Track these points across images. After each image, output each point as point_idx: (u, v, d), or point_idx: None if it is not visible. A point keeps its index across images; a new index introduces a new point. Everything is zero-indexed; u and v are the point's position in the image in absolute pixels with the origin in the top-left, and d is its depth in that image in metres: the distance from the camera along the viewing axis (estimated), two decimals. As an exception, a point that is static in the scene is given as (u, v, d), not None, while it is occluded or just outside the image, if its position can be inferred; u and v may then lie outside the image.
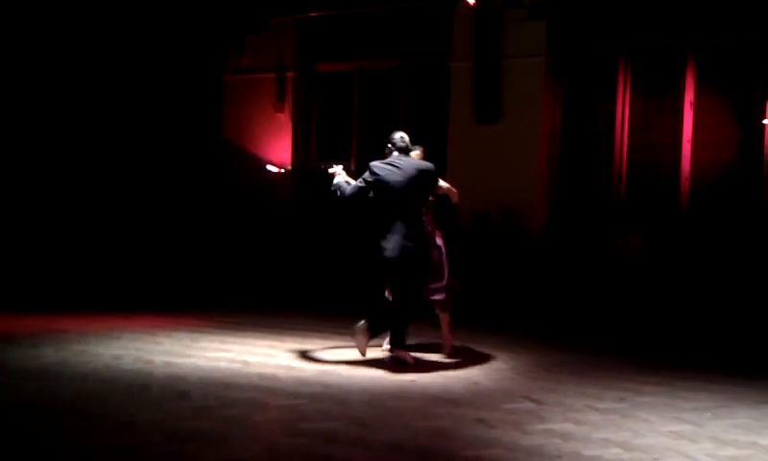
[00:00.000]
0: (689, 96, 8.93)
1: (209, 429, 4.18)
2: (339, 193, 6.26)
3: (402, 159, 6.17)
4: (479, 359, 6.42)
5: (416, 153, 6.41)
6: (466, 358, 6.43)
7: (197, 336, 7.00)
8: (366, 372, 5.80)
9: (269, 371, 5.68)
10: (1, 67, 9.83)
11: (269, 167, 10.97)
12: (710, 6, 8.76)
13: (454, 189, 6.50)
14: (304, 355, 6.28)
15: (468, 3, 9.37)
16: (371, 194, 6.19)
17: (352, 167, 11.03)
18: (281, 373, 5.64)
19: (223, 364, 5.87)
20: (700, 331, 7.63)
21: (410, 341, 6.34)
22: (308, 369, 5.84)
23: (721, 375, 6.03)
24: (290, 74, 11.10)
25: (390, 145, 6.25)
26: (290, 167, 11.01)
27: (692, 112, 8.92)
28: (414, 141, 6.44)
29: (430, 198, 6.37)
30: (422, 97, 10.55)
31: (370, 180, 6.12)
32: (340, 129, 11.12)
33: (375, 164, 6.15)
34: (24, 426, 4.16)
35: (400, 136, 6.28)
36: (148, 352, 6.18)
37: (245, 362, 5.95)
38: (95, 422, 4.27)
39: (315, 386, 5.26)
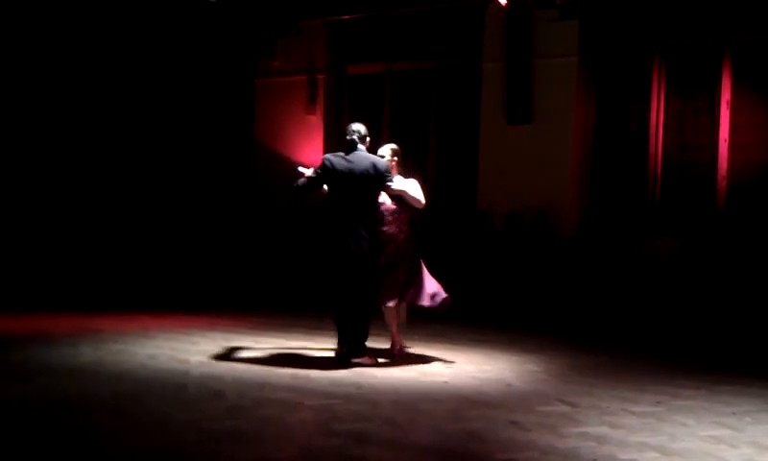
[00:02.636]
0: (726, 95, 8.78)
1: (244, 429, 4.21)
2: (294, 185, 6.21)
3: (355, 154, 6.03)
4: (511, 361, 6.38)
5: (384, 151, 6.19)
6: (498, 360, 6.40)
7: (231, 336, 7.07)
8: (398, 373, 5.81)
9: (302, 371, 5.71)
10: (33, 72, 10.03)
11: (300, 169, 11.02)
12: (746, 3, 8.61)
13: (412, 194, 6.05)
14: (336, 356, 6.29)
15: (499, 4, 9.34)
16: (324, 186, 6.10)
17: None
18: (314, 373, 5.66)
19: (257, 364, 5.92)
20: (738, 334, 7.49)
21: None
22: (341, 370, 5.86)
23: (760, 378, 5.91)
24: (321, 76, 11.15)
25: (348, 136, 6.10)
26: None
27: (728, 112, 8.77)
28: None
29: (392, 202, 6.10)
30: (454, 98, 10.53)
31: (320, 171, 6.08)
32: (371, 131, 11.08)
33: (327, 156, 6.13)
34: (63, 424, 4.24)
35: (356, 128, 6.11)
36: (183, 352, 6.25)
37: (278, 362, 5.99)
38: (132, 420, 4.34)
39: (348, 387, 5.28)
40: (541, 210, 9.17)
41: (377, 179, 5.95)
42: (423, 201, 6.14)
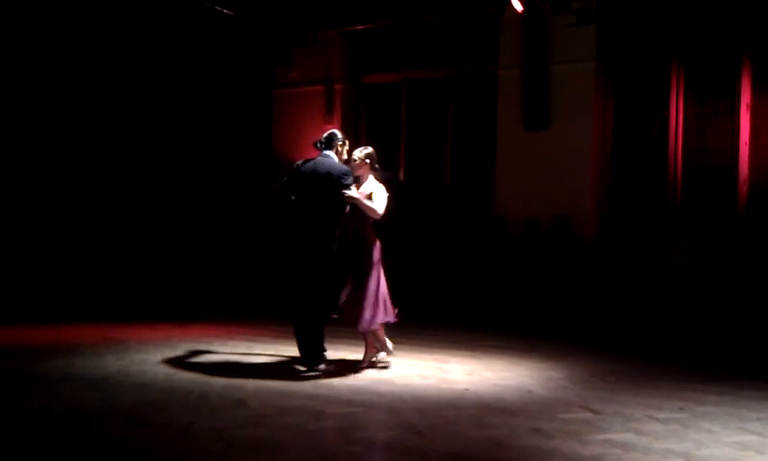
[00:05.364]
0: (746, 98, 8.72)
1: (268, 437, 4.23)
2: (273, 189, 6.20)
3: (318, 160, 5.98)
4: (532, 368, 6.35)
5: (357, 153, 6.06)
6: (519, 367, 6.38)
7: (252, 345, 7.10)
8: (419, 380, 5.81)
9: (323, 379, 5.73)
10: (54, 84, 10.16)
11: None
12: (765, 5, 8.54)
13: (366, 203, 5.88)
14: (357, 364, 6.30)
15: (515, 11, 9.34)
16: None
17: (401, 177, 11.08)
18: (335, 381, 5.68)
19: (278, 372, 5.95)
20: (762, 339, 7.41)
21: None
22: (361, 377, 5.87)
23: (786, 384, 5.85)
24: (338, 86, 11.21)
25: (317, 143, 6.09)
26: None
27: (749, 114, 8.70)
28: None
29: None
30: (470, 106, 10.53)
31: (285, 178, 6.07)
32: (388, 139, 11.16)
33: (297, 162, 6.09)
34: (89, 433, 4.28)
35: (325, 135, 6.10)
36: (205, 361, 6.29)
37: (299, 371, 6.01)
38: (156, 429, 4.37)
39: (369, 394, 5.29)
40: (561, 217, 9.14)
41: (333, 183, 5.85)
42: (381, 211, 5.92)
